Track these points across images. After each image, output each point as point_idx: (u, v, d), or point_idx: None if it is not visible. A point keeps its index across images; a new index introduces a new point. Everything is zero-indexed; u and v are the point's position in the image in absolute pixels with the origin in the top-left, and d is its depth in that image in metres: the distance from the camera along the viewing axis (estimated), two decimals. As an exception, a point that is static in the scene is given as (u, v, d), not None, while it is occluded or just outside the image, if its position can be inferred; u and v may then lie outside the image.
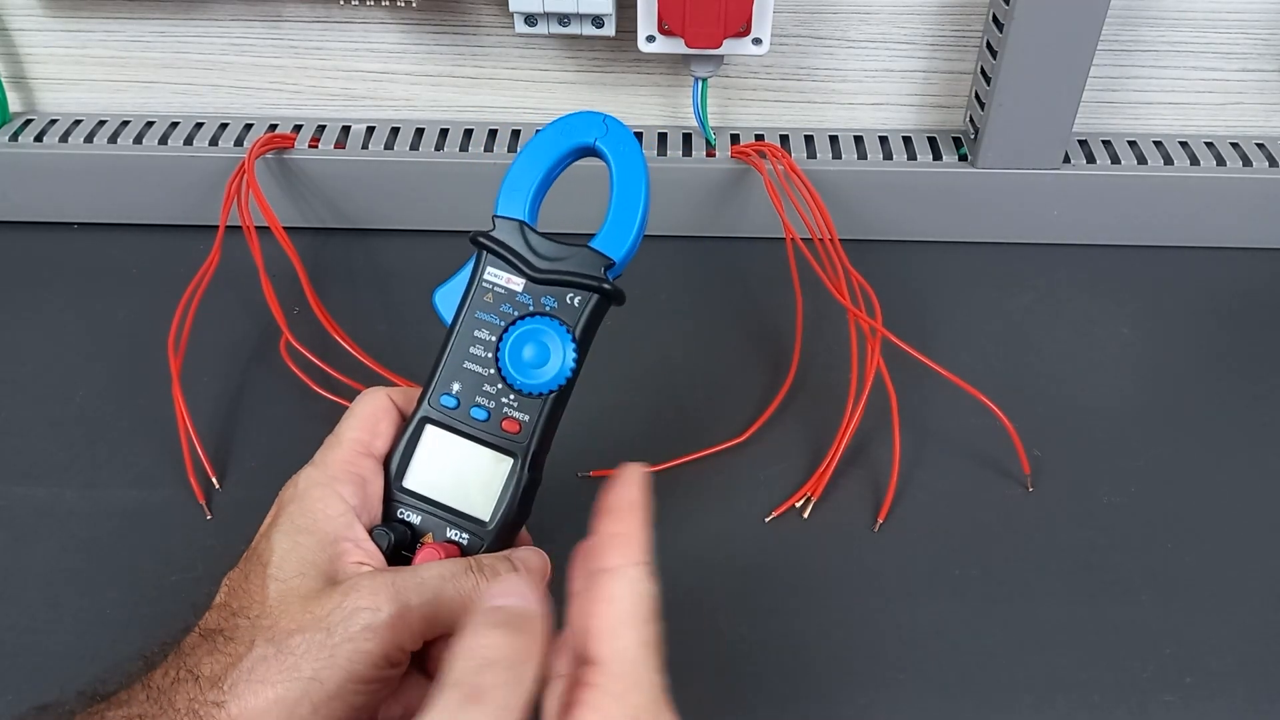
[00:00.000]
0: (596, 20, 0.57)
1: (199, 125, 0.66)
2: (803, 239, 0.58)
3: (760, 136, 0.65)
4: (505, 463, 0.39)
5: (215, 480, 0.51)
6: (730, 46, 0.57)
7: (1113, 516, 0.50)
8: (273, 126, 0.66)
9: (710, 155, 0.64)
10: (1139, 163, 0.64)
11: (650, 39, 0.57)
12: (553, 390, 0.39)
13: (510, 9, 0.56)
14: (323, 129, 0.66)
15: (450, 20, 0.63)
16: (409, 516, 0.39)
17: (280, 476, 0.39)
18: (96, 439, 0.53)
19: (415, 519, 0.39)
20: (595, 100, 0.66)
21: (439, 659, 0.35)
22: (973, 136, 0.63)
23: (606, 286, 0.39)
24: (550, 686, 0.33)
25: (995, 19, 0.59)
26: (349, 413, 0.40)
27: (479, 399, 0.39)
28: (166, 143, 0.64)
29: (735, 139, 0.65)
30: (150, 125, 0.66)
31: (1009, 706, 0.43)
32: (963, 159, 0.64)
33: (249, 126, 0.66)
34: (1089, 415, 0.55)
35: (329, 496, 0.37)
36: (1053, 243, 0.65)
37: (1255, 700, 0.43)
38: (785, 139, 0.65)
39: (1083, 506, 0.50)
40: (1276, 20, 0.62)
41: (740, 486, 0.51)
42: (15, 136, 0.65)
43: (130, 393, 0.55)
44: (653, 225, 0.40)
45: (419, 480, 0.39)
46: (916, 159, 0.64)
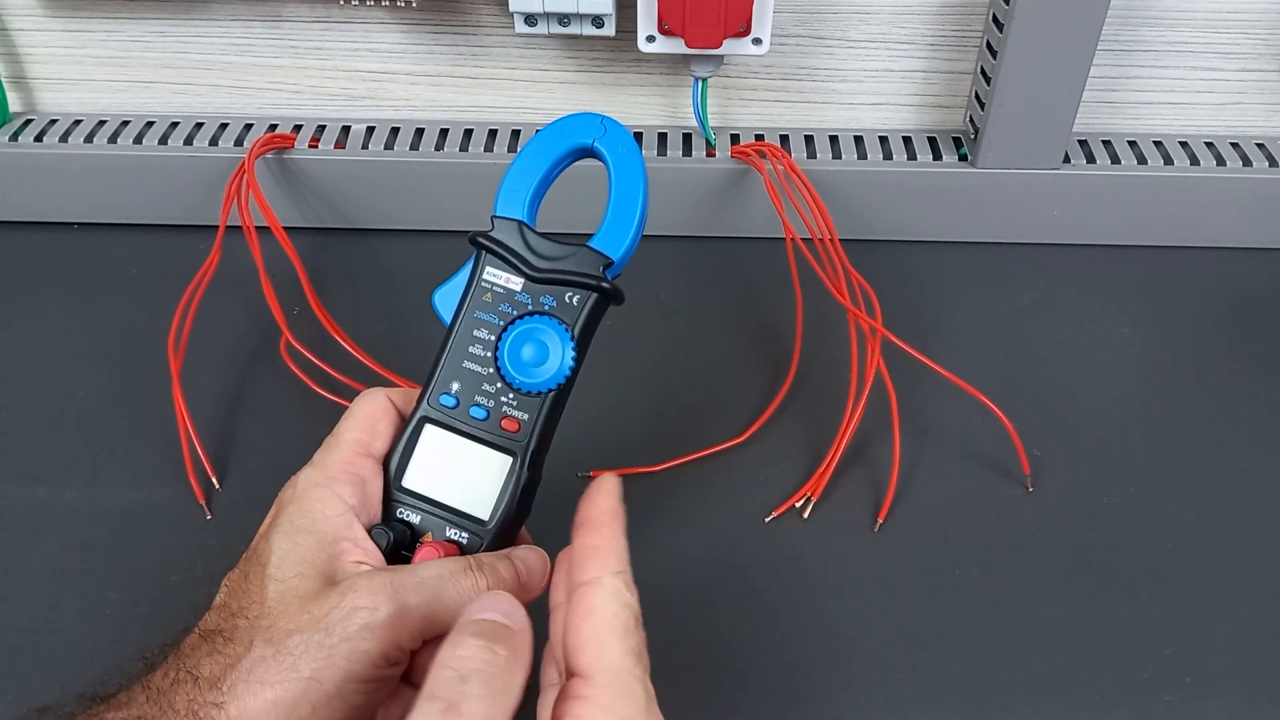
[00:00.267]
0: (596, 20, 0.57)
1: (199, 125, 0.66)
2: (803, 239, 0.58)
3: (760, 136, 0.65)
4: (505, 462, 0.39)
5: (215, 480, 0.51)
6: (730, 46, 0.57)
7: (1113, 516, 0.50)
8: (273, 126, 0.66)
9: (710, 155, 0.64)
10: (1139, 163, 0.64)
11: (650, 39, 0.57)
12: (552, 389, 0.39)
13: (510, 9, 0.56)
14: (323, 129, 0.66)
15: (450, 20, 0.63)
16: (408, 516, 0.39)
17: (280, 476, 0.39)
18: (96, 439, 0.53)
19: (414, 518, 0.39)
20: (595, 100, 0.66)
21: (425, 668, 0.35)
22: (973, 136, 0.63)
23: (605, 286, 0.39)
24: (541, 699, 0.33)
25: (995, 19, 0.59)
26: (348, 413, 0.40)
27: (478, 398, 0.39)
28: (166, 143, 0.64)
29: (735, 139, 0.65)
30: (150, 125, 0.66)
31: (1009, 706, 0.43)
32: (963, 159, 0.64)
33: (249, 126, 0.66)
34: (1089, 415, 0.55)
35: (328, 497, 0.37)
36: (1053, 243, 0.65)
37: (1255, 700, 0.43)
38: (785, 139, 0.65)
39: (1083, 506, 0.50)
40: (1276, 20, 0.62)
41: (740, 486, 0.51)
42: (15, 136, 0.65)
43: (130, 393, 0.55)
44: (652, 225, 0.40)
45: (418, 479, 0.39)
46: (916, 159, 0.64)
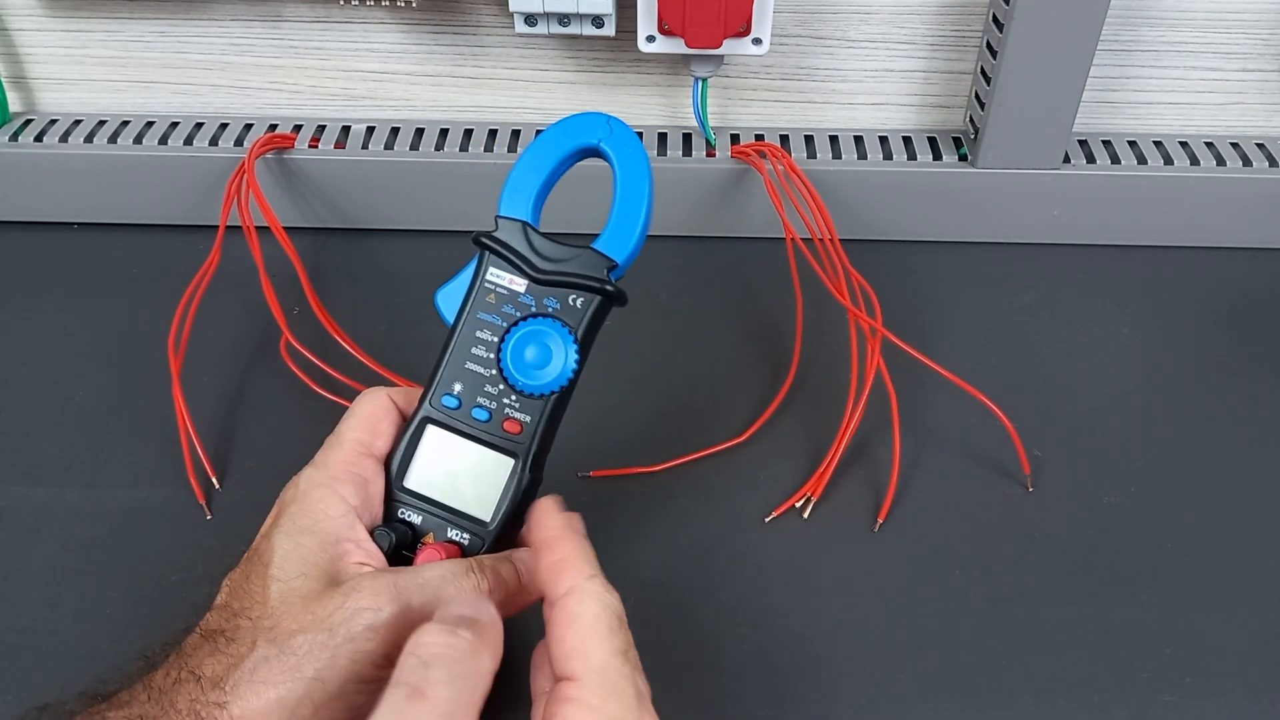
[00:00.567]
0: (596, 20, 0.57)
1: (199, 125, 0.66)
2: (803, 239, 0.58)
3: (760, 136, 0.65)
4: (506, 463, 0.39)
5: (215, 480, 0.51)
6: (730, 46, 0.57)
7: (1113, 516, 0.50)
8: (273, 126, 0.66)
9: (710, 155, 0.64)
10: (1139, 163, 0.64)
11: (650, 39, 0.57)
12: (554, 391, 0.39)
13: (510, 9, 0.56)
14: (323, 129, 0.66)
15: (450, 20, 0.63)
16: (410, 517, 0.39)
17: (280, 476, 0.39)
18: (96, 439, 0.53)
19: (416, 519, 0.39)
20: (595, 100, 0.66)
21: None
22: (973, 136, 0.63)
23: (609, 288, 0.39)
24: (534, 705, 0.33)
25: (995, 19, 0.59)
26: (349, 413, 0.40)
27: (480, 399, 0.39)
28: (166, 143, 0.64)
29: (735, 139, 0.65)
30: (150, 125, 0.66)
31: (1009, 706, 0.43)
32: (963, 159, 0.64)
33: (249, 126, 0.66)
34: (1089, 415, 0.55)
35: (330, 497, 0.37)
36: (1053, 243, 0.65)
37: (1255, 700, 0.43)
38: (785, 139, 0.65)
39: (1083, 506, 0.50)
40: (1276, 20, 0.62)
41: (740, 486, 0.51)
42: (15, 136, 0.65)
43: (130, 393, 0.55)
44: (653, 225, 0.40)
45: (420, 480, 0.39)
46: (916, 159, 0.64)
